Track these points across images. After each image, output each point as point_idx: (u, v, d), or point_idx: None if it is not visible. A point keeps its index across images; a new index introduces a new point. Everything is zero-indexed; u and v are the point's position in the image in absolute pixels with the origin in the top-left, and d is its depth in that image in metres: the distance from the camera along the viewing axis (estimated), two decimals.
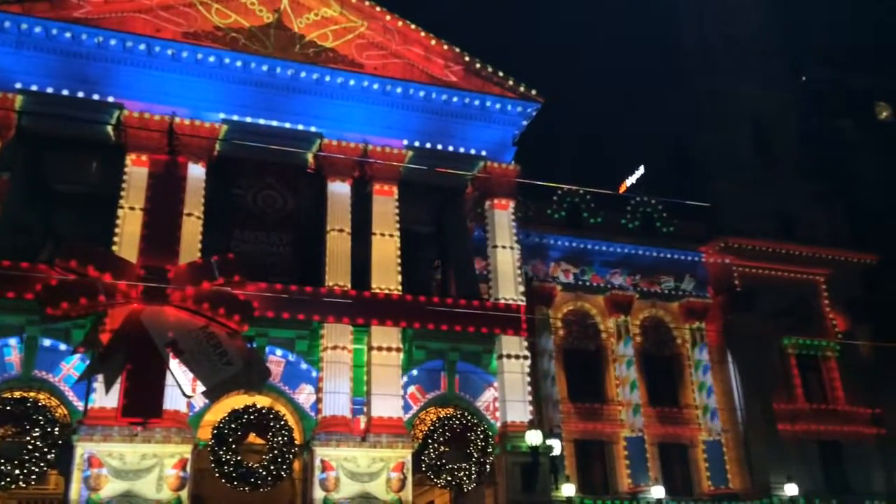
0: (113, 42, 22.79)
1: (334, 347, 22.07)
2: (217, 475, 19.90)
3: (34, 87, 21.82)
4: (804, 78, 40.88)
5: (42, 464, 18.62)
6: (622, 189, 41.96)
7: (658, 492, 27.52)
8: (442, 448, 21.81)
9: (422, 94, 25.51)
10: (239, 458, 19.91)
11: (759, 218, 34.02)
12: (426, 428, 22.31)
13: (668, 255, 32.42)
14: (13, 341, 19.96)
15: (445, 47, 26.27)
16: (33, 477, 18.55)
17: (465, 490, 22.04)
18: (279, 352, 22.15)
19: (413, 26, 26.07)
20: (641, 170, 42.32)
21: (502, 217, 25.51)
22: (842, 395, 32.25)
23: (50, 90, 21.93)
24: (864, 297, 34.16)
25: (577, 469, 28.21)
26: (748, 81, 37.22)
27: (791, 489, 28.64)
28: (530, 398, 23.61)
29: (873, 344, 32.10)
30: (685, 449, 30.25)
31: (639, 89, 41.85)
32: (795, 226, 35.11)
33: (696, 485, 29.76)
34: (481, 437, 22.15)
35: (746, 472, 30.08)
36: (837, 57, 46.86)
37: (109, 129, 22.36)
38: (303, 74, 24.40)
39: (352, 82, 24.81)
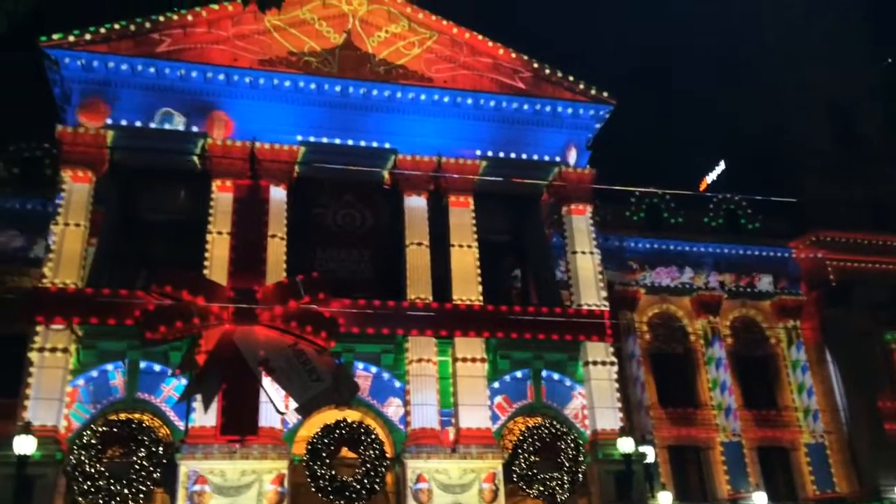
0: (194, 74, 23.73)
1: (419, 360, 22.21)
2: (313, 489, 20.19)
3: (123, 122, 22.80)
4: (889, 60, 38.98)
5: (149, 482, 19.29)
6: (703, 186, 40.89)
7: (760, 498, 26.47)
8: (532, 458, 21.60)
9: (492, 103, 25.56)
10: (333, 472, 20.18)
11: (849, 209, 32.64)
12: (515, 438, 22.16)
13: (757, 253, 31.44)
14: (116, 366, 20.87)
15: (514, 55, 26.29)
16: (141, 496, 19.21)
17: (559, 500, 21.69)
18: (365, 366, 22.43)
19: (480, 37, 26.21)
20: (722, 165, 41.15)
21: (580, 222, 25.23)
22: None
23: (138, 124, 22.91)
24: None
25: (672, 476, 27.47)
26: (827, 70, 35.86)
27: None
28: (620, 405, 23.18)
29: None
30: (786, 452, 29.10)
31: (714, 83, 40.79)
32: (888, 215, 33.45)
33: (800, 489, 28.55)
34: (572, 445, 21.82)
35: (854, 474, 28.72)
36: None
37: (195, 158, 23.17)
38: (374, 92, 24.81)
39: (423, 97, 25.08)
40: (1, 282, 25.36)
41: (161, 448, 19.61)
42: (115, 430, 19.67)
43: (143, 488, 19.22)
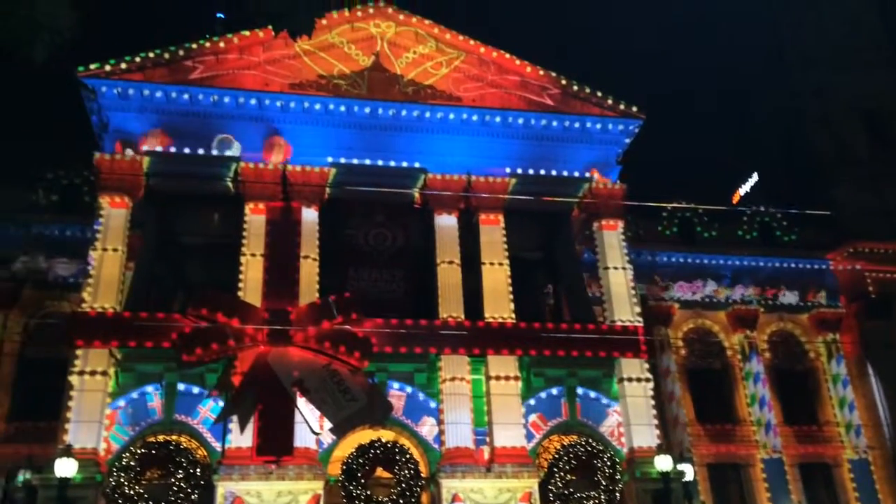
0: (227, 99, 24.12)
1: (452, 379, 22.14)
2: None
3: (158, 148, 23.19)
4: None
5: None
6: (736, 198, 40.44)
7: None
8: (568, 476, 21.36)
9: (521, 121, 25.60)
10: (369, 492, 20.17)
11: (887, 218, 32.03)
12: (551, 456, 21.95)
13: (793, 265, 30.96)
14: (154, 388, 21.14)
15: (541, 73, 26.33)
16: None
17: None
18: (399, 385, 22.42)
19: (507, 55, 26.30)
20: (755, 177, 40.68)
21: (612, 238, 25.04)
22: None
23: (172, 150, 23.24)
24: None
25: (712, 494, 26.99)
26: (855, 76, 35.37)
27: None
28: (656, 422, 22.86)
29: None
30: (829, 469, 28.49)
31: (742, 93, 40.47)
32: None
33: None
34: (608, 464, 21.55)
35: None
36: None
37: (228, 181, 23.46)
38: (403, 113, 24.99)
39: (451, 116, 25.21)
40: (41, 307, 25.92)
41: (198, 469, 19.74)
42: (153, 451, 19.85)
43: None
